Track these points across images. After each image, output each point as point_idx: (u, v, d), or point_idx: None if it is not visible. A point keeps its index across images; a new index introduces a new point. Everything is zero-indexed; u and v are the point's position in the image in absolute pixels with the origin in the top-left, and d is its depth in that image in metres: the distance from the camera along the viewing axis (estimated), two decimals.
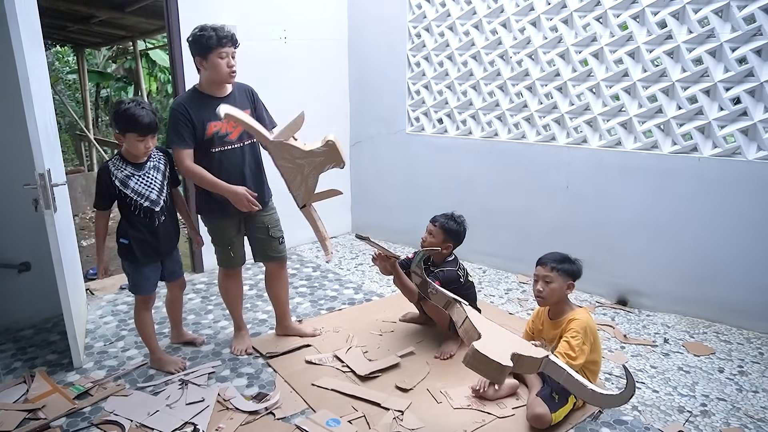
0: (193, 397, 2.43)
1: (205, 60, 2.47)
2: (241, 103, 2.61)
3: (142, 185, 2.46)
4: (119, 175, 2.43)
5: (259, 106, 2.73)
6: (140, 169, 2.47)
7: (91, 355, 2.88)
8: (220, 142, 2.57)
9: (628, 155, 3.28)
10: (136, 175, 2.45)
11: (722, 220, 3.00)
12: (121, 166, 2.45)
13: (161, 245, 2.58)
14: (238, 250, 2.78)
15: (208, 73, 2.50)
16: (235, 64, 2.51)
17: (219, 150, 2.58)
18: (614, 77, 3.26)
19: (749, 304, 3.01)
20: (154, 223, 2.50)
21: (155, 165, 2.52)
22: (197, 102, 2.53)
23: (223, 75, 2.49)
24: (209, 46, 2.42)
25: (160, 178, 2.52)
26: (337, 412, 2.31)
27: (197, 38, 2.44)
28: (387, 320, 3.19)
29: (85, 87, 8.69)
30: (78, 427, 2.27)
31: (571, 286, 2.36)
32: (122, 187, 2.42)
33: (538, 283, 2.39)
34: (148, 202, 2.47)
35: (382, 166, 4.62)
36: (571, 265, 2.38)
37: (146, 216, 2.48)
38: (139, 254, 2.51)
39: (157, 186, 2.50)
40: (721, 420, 2.28)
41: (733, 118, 2.92)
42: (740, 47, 2.84)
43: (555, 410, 2.20)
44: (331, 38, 4.47)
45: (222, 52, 2.44)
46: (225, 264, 2.80)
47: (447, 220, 2.81)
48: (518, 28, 3.61)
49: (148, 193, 2.47)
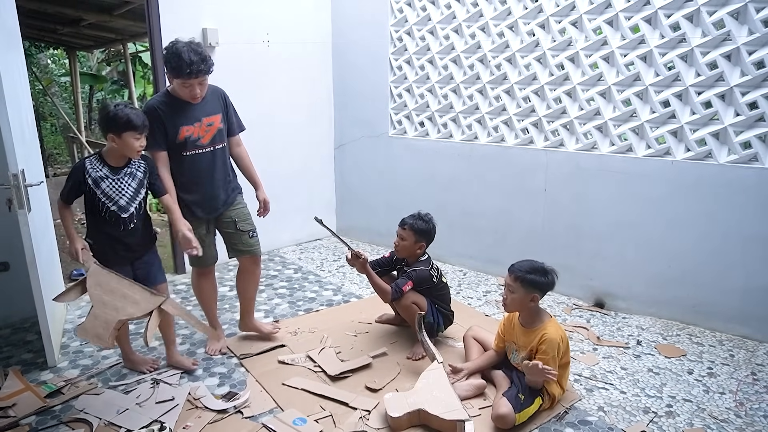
0: (163, 396, 2.45)
1: (173, 79, 2.49)
2: (212, 107, 2.65)
3: (114, 189, 2.42)
4: (93, 174, 2.39)
5: (230, 111, 2.76)
6: (116, 173, 2.43)
7: (66, 355, 2.90)
8: (192, 146, 2.60)
9: (603, 158, 3.31)
10: (110, 178, 2.41)
11: (694, 223, 3.03)
12: (97, 165, 2.41)
13: (125, 251, 2.51)
14: (208, 248, 2.77)
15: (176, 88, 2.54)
16: (200, 92, 2.51)
17: (190, 153, 2.61)
18: (589, 81, 3.29)
19: (721, 306, 3.03)
20: (119, 227, 2.45)
21: (131, 171, 2.47)
22: (170, 105, 2.54)
23: (186, 98, 2.53)
24: (175, 73, 2.43)
25: (134, 185, 2.47)
26: (305, 411, 2.33)
27: (168, 59, 2.43)
28: (363, 321, 3.21)
29: (77, 89, 8.72)
30: (47, 425, 2.29)
31: (535, 299, 2.33)
32: (94, 186, 2.39)
33: (504, 287, 2.40)
34: (116, 206, 2.42)
35: (365, 168, 4.65)
36: (540, 276, 2.31)
37: (112, 219, 2.43)
38: (101, 257, 2.45)
39: (129, 193, 2.45)
40: (684, 421, 2.30)
41: (704, 122, 2.95)
42: (710, 52, 2.87)
43: (519, 410, 2.21)
44: (315, 41, 4.50)
45: (186, 82, 2.44)
46: (196, 263, 2.81)
47: (415, 220, 2.82)
48: (497, 32, 3.64)
49: (117, 198, 2.42)
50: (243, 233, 2.80)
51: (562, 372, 2.38)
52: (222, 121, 2.69)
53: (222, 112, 2.69)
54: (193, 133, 2.58)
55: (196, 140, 2.60)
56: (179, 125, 2.54)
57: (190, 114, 2.57)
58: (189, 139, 2.58)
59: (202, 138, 2.62)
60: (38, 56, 10.83)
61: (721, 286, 3.00)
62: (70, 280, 4.10)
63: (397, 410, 2.20)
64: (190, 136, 2.58)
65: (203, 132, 2.61)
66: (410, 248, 2.84)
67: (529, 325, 2.38)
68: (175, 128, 2.54)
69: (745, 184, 2.85)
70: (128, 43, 7.82)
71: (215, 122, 2.66)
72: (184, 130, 2.55)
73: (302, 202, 4.61)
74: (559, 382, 2.38)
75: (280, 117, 4.35)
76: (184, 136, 2.56)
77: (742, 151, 2.85)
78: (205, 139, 2.62)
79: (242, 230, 2.80)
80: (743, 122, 2.83)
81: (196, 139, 2.60)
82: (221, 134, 2.70)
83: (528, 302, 2.34)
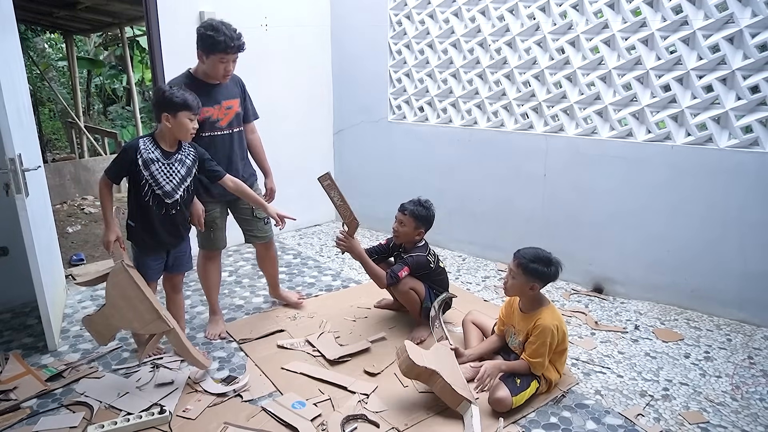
0: (163, 380, 2.47)
1: (206, 57, 2.56)
2: (231, 91, 2.74)
3: (162, 174, 2.40)
4: (145, 156, 2.37)
5: (246, 97, 2.85)
6: (168, 158, 2.42)
7: (66, 339, 2.91)
8: (211, 127, 2.67)
9: (603, 143, 3.29)
10: (160, 161, 2.39)
11: (694, 208, 3.03)
12: (150, 147, 2.39)
13: (164, 237, 2.51)
14: (219, 232, 2.84)
15: (205, 67, 2.61)
16: (232, 69, 2.62)
17: (209, 135, 2.67)
18: (590, 65, 3.27)
19: (719, 291, 3.04)
20: (161, 211, 2.44)
21: (181, 158, 2.46)
22: (191, 87, 2.56)
23: (217, 76, 2.62)
24: (214, 48, 2.51)
25: (183, 172, 2.46)
26: (303, 394, 2.35)
27: (205, 37, 2.50)
28: (362, 306, 3.22)
29: (75, 74, 8.65)
30: (48, 408, 2.31)
31: (534, 288, 2.32)
32: (143, 167, 2.36)
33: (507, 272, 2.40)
34: (161, 191, 2.41)
35: (365, 154, 4.63)
36: (543, 267, 2.29)
37: (155, 203, 2.42)
38: (142, 242, 2.46)
39: (177, 179, 2.44)
40: (681, 404, 2.32)
41: (705, 106, 2.93)
42: (713, 35, 2.84)
43: (516, 394, 2.23)
44: (313, 25, 4.45)
45: (224, 58, 2.54)
46: (205, 245, 2.86)
47: (416, 206, 2.82)
48: (497, 15, 3.60)
49: (164, 183, 2.40)
50: (259, 220, 2.90)
51: (559, 357, 2.40)
52: (240, 105, 2.77)
53: (240, 97, 2.77)
54: (213, 114, 2.66)
55: (215, 122, 2.67)
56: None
57: (210, 96, 2.64)
58: (208, 120, 2.65)
59: (221, 120, 2.70)
60: (35, 40, 10.73)
61: (720, 271, 3.01)
62: (70, 265, 4.12)
63: (418, 359, 2.20)
64: (210, 117, 2.65)
65: (222, 114, 2.69)
66: (409, 234, 2.84)
67: (528, 310, 2.39)
68: None
69: (745, 169, 2.84)
70: (126, 27, 7.75)
71: (234, 106, 2.74)
72: (204, 111, 2.59)
73: (301, 188, 4.59)
74: (556, 367, 2.40)
75: (279, 102, 4.32)
76: (203, 117, 2.60)
77: (743, 135, 2.83)
78: (223, 122, 2.71)
79: (258, 217, 2.89)
80: (744, 106, 2.81)
81: (215, 120, 2.68)
82: (239, 118, 2.78)
83: (527, 290, 2.34)
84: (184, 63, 3.75)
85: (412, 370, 2.21)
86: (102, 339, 2.39)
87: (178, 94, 2.34)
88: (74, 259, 4.28)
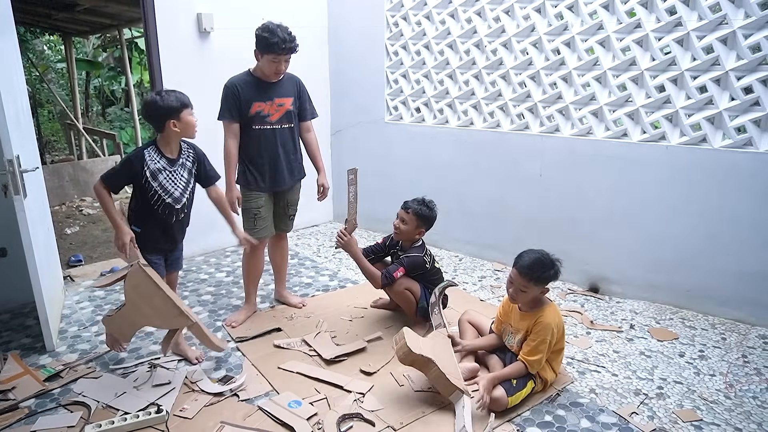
0: (161, 380, 2.48)
1: (261, 56, 2.76)
2: (286, 90, 2.91)
3: (170, 182, 2.42)
4: (152, 166, 2.37)
5: (303, 97, 3.00)
6: (173, 165, 2.44)
7: (64, 339, 2.93)
8: (261, 121, 2.86)
9: (599, 144, 3.31)
10: (167, 170, 2.41)
11: (689, 208, 3.04)
12: (156, 157, 2.39)
13: (171, 240, 2.55)
14: (262, 221, 2.98)
15: (260, 65, 2.81)
16: (284, 69, 2.82)
17: (259, 127, 2.86)
18: (585, 66, 3.29)
19: (714, 290, 3.06)
20: (171, 218, 2.47)
21: (183, 162, 2.49)
22: (248, 83, 2.82)
23: (269, 74, 2.81)
24: (268, 49, 2.70)
25: (186, 176, 2.49)
26: (300, 394, 2.36)
27: (262, 38, 2.70)
28: (358, 306, 3.24)
29: (74, 76, 8.66)
30: (46, 408, 2.32)
31: (544, 291, 2.34)
32: (151, 179, 2.37)
33: (513, 285, 2.34)
34: (171, 198, 2.43)
35: (362, 154, 4.64)
36: (548, 271, 2.28)
37: (165, 212, 2.44)
38: (148, 246, 2.46)
39: (182, 184, 2.47)
40: (675, 402, 2.34)
41: (699, 106, 2.95)
42: (706, 35, 2.86)
43: (512, 394, 2.25)
44: (311, 26, 4.47)
45: (276, 58, 2.73)
46: (252, 233, 2.93)
47: (420, 206, 2.84)
48: (492, 17, 3.62)
49: (173, 190, 2.43)
50: (287, 216, 3.10)
51: (556, 357, 2.41)
52: (293, 104, 2.93)
53: (294, 96, 2.94)
54: (264, 109, 2.84)
55: (265, 116, 2.85)
56: (252, 101, 2.81)
57: (264, 93, 2.84)
58: (259, 114, 2.83)
59: (272, 115, 2.87)
60: (34, 42, 10.75)
61: (715, 270, 3.02)
62: (68, 266, 4.14)
63: (415, 347, 2.23)
64: (261, 111, 2.83)
65: (273, 110, 2.86)
66: (410, 233, 2.85)
67: (529, 309, 2.38)
68: (248, 103, 2.81)
69: (738, 169, 2.85)
70: (124, 29, 7.77)
71: (286, 104, 2.90)
72: (256, 105, 2.81)
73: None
74: (553, 366, 2.41)
75: None
76: (255, 111, 2.82)
77: (737, 135, 2.85)
78: (273, 117, 2.87)
79: (288, 213, 3.10)
80: (738, 107, 2.83)
81: (266, 115, 2.85)
82: (290, 115, 2.93)
83: (539, 294, 2.34)
84: (182, 64, 3.80)
85: (408, 357, 2.23)
86: (125, 338, 2.48)
87: (172, 98, 2.36)
88: (72, 260, 4.29)
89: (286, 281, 3.35)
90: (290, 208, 3.09)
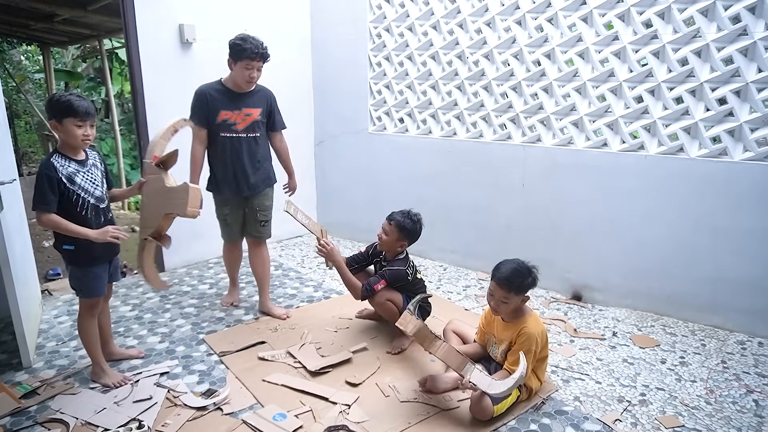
0: (142, 395, 2.43)
1: (234, 64, 2.88)
2: (256, 101, 3.01)
3: (88, 182, 2.38)
4: (64, 172, 2.30)
5: (273, 110, 3.12)
6: (84, 166, 2.38)
7: (42, 355, 2.85)
8: (227, 129, 2.96)
9: (579, 153, 3.36)
10: (81, 171, 2.36)
11: (667, 216, 3.10)
12: (64, 162, 2.32)
13: (104, 250, 2.44)
14: (232, 226, 3.17)
15: (233, 74, 2.92)
16: (257, 76, 2.92)
17: (225, 135, 2.97)
18: (565, 77, 3.34)
19: (693, 297, 3.11)
20: (99, 220, 2.42)
21: (94, 163, 2.45)
22: (218, 91, 2.95)
23: (241, 82, 2.91)
24: (240, 55, 2.82)
25: (99, 174, 2.45)
26: (284, 406, 2.33)
27: (235, 45, 2.84)
28: (343, 317, 3.22)
29: (52, 86, 8.52)
30: (21, 426, 2.25)
31: (525, 299, 2.37)
32: (69, 183, 2.30)
33: (494, 297, 2.36)
34: (94, 198, 2.39)
35: (346, 165, 4.65)
36: (526, 279, 2.31)
37: (91, 214, 2.38)
38: (89, 256, 2.39)
39: (99, 182, 2.44)
40: (657, 409, 2.36)
41: (676, 117, 3.02)
42: (681, 48, 2.94)
43: (497, 402, 2.25)
44: (294, 37, 4.48)
45: (249, 64, 2.84)
46: (222, 236, 3.26)
47: (404, 218, 2.83)
48: (474, 29, 3.67)
49: (93, 189, 2.39)
50: (257, 222, 3.17)
51: (540, 365, 2.42)
52: (261, 114, 3.03)
53: (264, 108, 3.04)
54: (230, 117, 2.95)
55: (231, 125, 2.96)
56: (220, 109, 2.92)
57: (232, 102, 2.95)
58: (226, 122, 2.95)
59: (238, 124, 2.97)
60: (11, 52, 10.58)
61: (693, 277, 3.08)
62: (46, 280, 4.05)
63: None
64: (227, 119, 2.95)
65: (240, 119, 2.97)
66: (392, 244, 2.85)
67: (511, 320, 2.40)
68: (216, 111, 2.92)
69: (714, 178, 2.92)
70: (104, 39, 7.68)
71: (253, 114, 3.01)
72: (223, 113, 2.93)
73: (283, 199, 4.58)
74: (537, 374, 2.42)
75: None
76: (222, 119, 2.93)
77: (712, 145, 2.92)
78: (240, 126, 2.98)
79: (258, 219, 3.17)
80: (713, 117, 2.90)
81: (232, 123, 2.96)
82: (257, 125, 3.03)
83: (520, 303, 2.37)
84: (163, 75, 3.77)
85: (421, 332, 2.26)
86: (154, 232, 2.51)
87: (64, 99, 2.23)
88: (51, 273, 4.20)
89: (269, 292, 3.34)
90: (260, 213, 3.16)
